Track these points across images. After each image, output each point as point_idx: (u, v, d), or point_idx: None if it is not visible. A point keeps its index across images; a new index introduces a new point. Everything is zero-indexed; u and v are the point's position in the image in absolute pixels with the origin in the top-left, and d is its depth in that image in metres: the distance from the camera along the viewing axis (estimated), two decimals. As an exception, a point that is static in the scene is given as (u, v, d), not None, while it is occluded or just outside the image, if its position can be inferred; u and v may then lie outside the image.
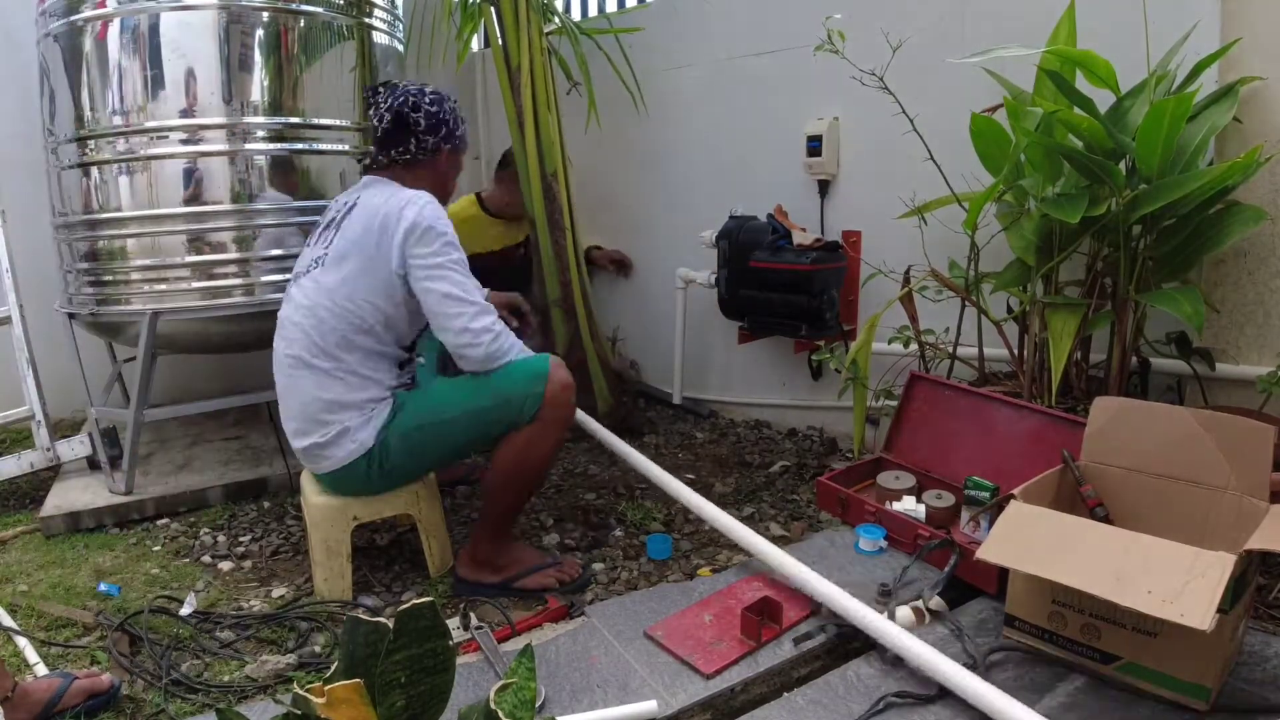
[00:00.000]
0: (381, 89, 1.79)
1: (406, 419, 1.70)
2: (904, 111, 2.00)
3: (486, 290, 2.12)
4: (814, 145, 2.50)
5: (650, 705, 1.31)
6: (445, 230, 1.66)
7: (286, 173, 2.40)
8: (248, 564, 1.99)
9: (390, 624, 0.95)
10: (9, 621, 1.69)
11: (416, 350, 1.83)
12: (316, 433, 1.69)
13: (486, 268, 3.34)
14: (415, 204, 1.66)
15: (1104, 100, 1.72)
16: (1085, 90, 1.67)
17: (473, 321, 1.64)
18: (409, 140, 1.76)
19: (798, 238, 2.45)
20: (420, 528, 1.84)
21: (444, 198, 1.82)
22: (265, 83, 2.34)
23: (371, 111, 1.77)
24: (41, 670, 1.52)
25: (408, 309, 1.70)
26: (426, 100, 1.75)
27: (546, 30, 2.84)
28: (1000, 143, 1.84)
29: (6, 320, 2.41)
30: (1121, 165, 1.68)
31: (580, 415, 2.19)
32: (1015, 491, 1.44)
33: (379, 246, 1.65)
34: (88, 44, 2.26)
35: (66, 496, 2.30)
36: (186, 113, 2.26)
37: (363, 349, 1.69)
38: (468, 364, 1.68)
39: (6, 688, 1.32)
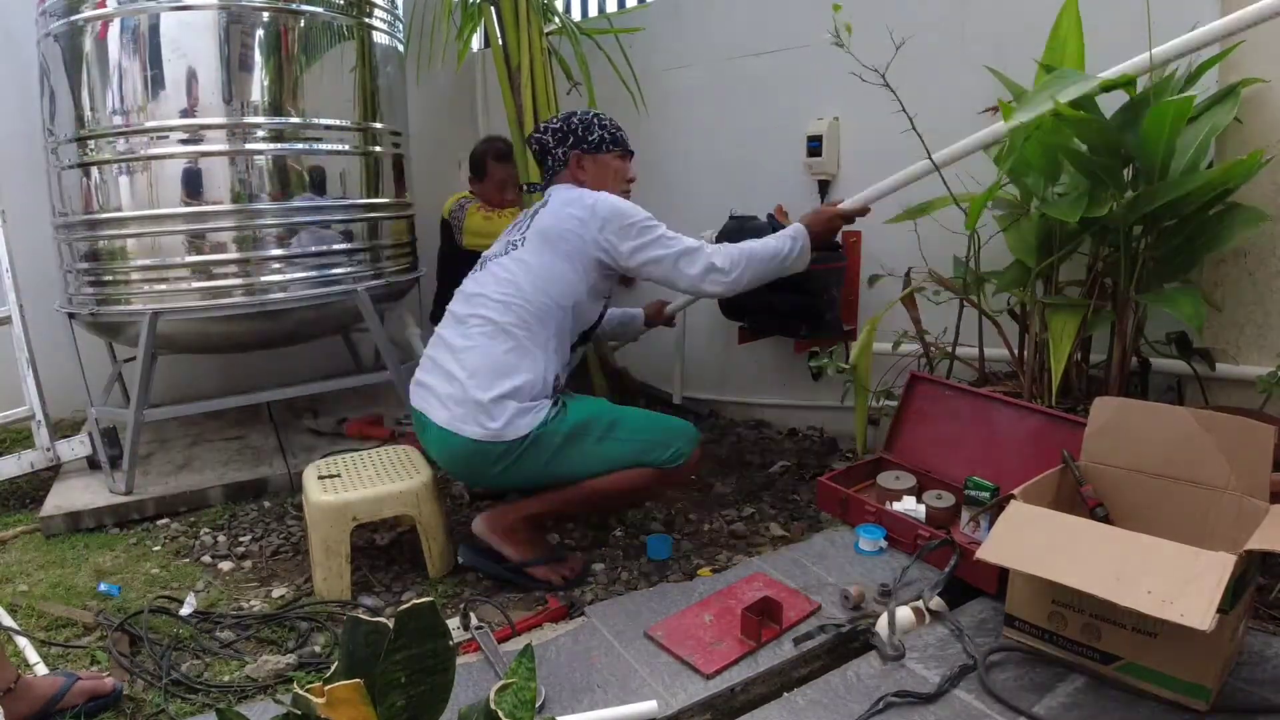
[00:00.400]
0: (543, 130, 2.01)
1: (571, 416, 1.76)
2: (904, 110, 1.99)
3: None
4: (814, 145, 2.50)
5: (650, 705, 1.31)
6: (628, 211, 1.85)
7: (286, 172, 2.40)
8: (248, 564, 1.99)
9: (390, 624, 0.95)
10: (9, 621, 1.69)
11: (578, 353, 1.95)
12: (489, 392, 1.71)
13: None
14: (597, 197, 1.85)
15: (1105, 100, 1.71)
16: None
17: (695, 264, 1.84)
18: (546, 158, 1.99)
19: (798, 238, 2.45)
20: (420, 529, 1.84)
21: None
22: (265, 83, 2.34)
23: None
24: (42, 670, 1.52)
25: (594, 293, 1.86)
26: (560, 119, 1.98)
27: (546, 30, 2.84)
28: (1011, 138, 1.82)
29: (6, 320, 2.41)
30: (1127, 171, 1.68)
31: None
32: (1015, 491, 1.44)
33: (577, 232, 1.81)
34: (88, 44, 2.26)
35: (66, 496, 2.30)
36: (187, 113, 2.27)
37: (549, 326, 1.79)
38: (729, 289, 1.89)
39: (9, 679, 1.33)
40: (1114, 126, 1.64)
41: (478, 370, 1.74)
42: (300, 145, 2.41)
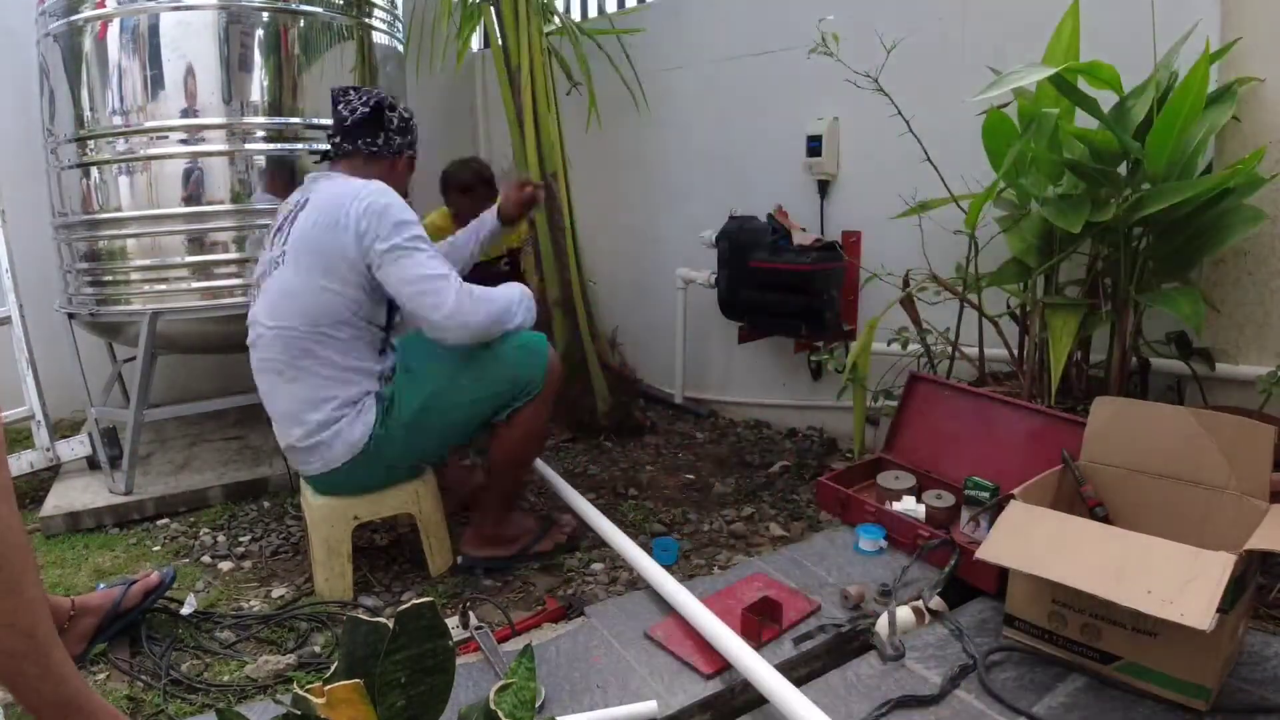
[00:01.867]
0: (352, 90, 1.82)
1: (404, 410, 1.70)
2: (899, 113, 2.00)
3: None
4: (814, 145, 2.50)
5: (650, 705, 1.31)
6: (398, 213, 1.63)
7: (286, 173, 2.40)
8: (248, 564, 1.99)
9: (390, 624, 0.95)
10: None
11: (393, 330, 1.82)
12: (301, 433, 1.69)
13: (465, 280, 3.37)
14: (365, 191, 1.64)
15: (1104, 98, 1.71)
16: (1086, 90, 1.67)
17: (449, 298, 1.62)
18: (379, 134, 1.79)
19: (797, 238, 2.46)
20: (421, 527, 1.84)
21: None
22: (265, 83, 2.34)
23: (341, 106, 1.78)
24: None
25: (375, 294, 1.68)
26: (401, 106, 1.85)
27: (546, 30, 2.84)
28: (1011, 139, 1.82)
29: (6, 320, 2.41)
30: (1122, 167, 1.68)
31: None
32: (1015, 491, 1.44)
33: (335, 238, 1.62)
34: (87, 44, 2.26)
35: (66, 496, 2.30)
36: (186, 113, 2.26)
37: (339, 340, 1.66)
38: (464, 342, 1.68)
39: (66, 607, 1.40)
40: (1117, 126, 1.64)
41: (284, 417, 1.71)
42: (300, 145, 2.41)
